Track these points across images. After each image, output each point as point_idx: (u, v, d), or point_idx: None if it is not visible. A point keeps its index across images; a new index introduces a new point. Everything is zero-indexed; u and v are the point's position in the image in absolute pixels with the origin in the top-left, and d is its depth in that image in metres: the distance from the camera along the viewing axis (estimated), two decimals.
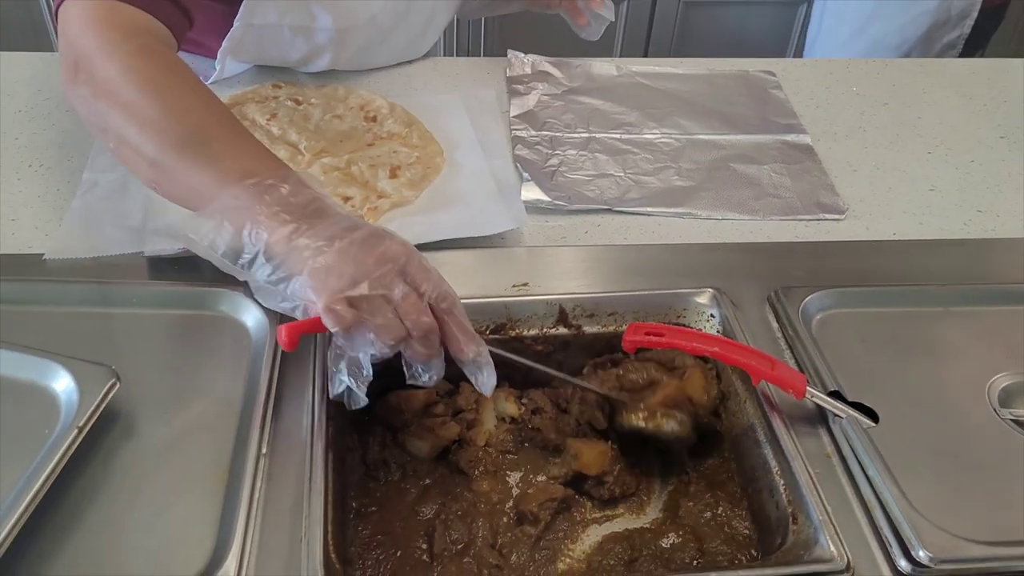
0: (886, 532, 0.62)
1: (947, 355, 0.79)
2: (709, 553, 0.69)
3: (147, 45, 0.74)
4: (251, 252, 0.65)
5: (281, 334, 0.63)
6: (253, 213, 0.65)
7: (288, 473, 0.65)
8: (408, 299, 0.63)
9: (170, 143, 0.69)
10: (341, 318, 0.61)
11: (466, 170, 0.99)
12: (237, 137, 0.71)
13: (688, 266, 0.87)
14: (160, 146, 0.69)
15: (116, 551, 0.59)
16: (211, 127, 0.70)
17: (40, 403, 0.64)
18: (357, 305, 0.62)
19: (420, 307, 0.63)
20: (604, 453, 0.74)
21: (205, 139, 0.69)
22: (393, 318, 0.63)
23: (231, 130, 0.71)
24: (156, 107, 0.70)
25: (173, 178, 0.70)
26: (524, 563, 0.68)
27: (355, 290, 0.62)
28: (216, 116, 0.72)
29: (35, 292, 0.76)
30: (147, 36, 0.74)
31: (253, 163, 0.68)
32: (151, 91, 0.71)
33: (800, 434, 0.70)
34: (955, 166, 1.07)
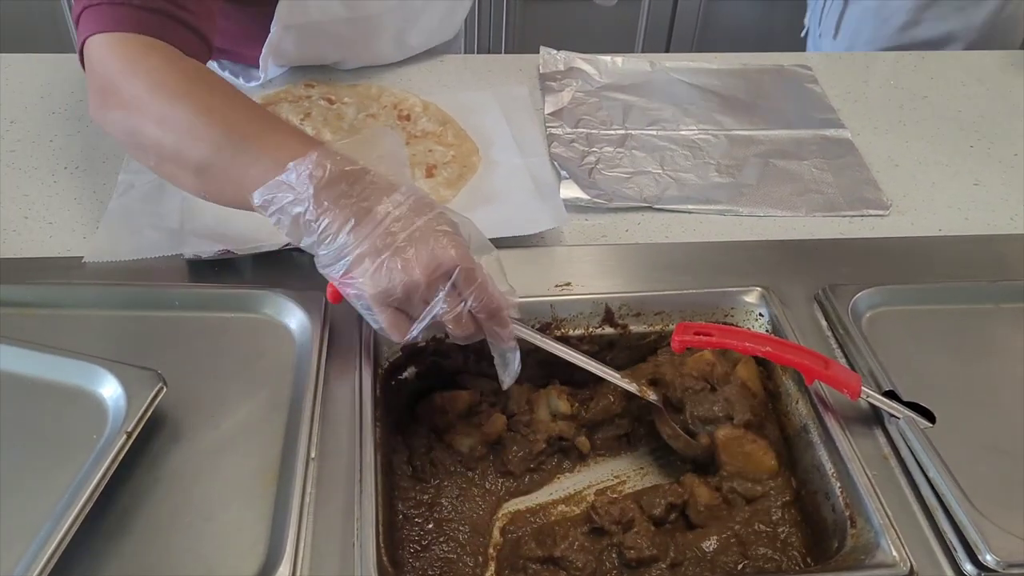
0: (950, 536, 0.61)
1: (1001, 352, 0.78)
2: (754, 558, 0.67)
3: (168, 58, 0.73)
4: (310, 239, 0.64)
5: (329, 288, 0.67)
6: (306, 196, 0.63)
7: (337, 476, 0.64)
8: (452, 312, 0.64)
9: (209, 147, 0.68)
10: (400, 332, 0.65)
11: (503, 168, 0.98)
12: (275, 131, 0.69)
13: (732, 264, 0.86)
14: (200, 152, 0.68)
15: (167, 556, 0.59)
16: (247, 124, 0.69)
17: (88, 408, 0.64)
18: (405, 309, 0.65)
19: (463, 318, 0.65)
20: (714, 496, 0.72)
21: (244, 136, 0.68)
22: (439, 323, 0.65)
23: (267, 124, 0.70)
24: (188, 114, 0.69)
25: (219, 182, 0.69)
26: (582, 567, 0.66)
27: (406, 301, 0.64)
28: (249, 113, 0.71)
29: (76, 295, 0.75)
30: (166, 50, 0.74)
31: (297, 149, 0.66)
32: (180, 99, 0.70)
33: (856, 435, 0.68)
34: (999, 159, 1.05)
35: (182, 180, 0.72)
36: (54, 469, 0.60)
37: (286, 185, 0.64)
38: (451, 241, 0.63)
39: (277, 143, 0.67)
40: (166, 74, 0.72)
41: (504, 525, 0.72)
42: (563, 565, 0.66)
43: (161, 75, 0.72)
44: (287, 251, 0.81)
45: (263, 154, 0.66)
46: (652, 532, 0.67)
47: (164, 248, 0.82)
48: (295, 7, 1.00)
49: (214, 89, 0.73)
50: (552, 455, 0.77)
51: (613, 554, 0.67)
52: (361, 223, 0.63)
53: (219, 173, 0.68)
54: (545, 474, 0.77)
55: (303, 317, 0.74)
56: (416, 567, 0.68)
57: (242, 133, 0.68)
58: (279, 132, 0.69)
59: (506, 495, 0.75)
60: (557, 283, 0.81)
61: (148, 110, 0.70)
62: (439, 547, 0.70)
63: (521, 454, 0.75)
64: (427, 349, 0.78)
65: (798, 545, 0.67)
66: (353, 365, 0.72)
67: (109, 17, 0.73)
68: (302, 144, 0.67)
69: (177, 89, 0.71)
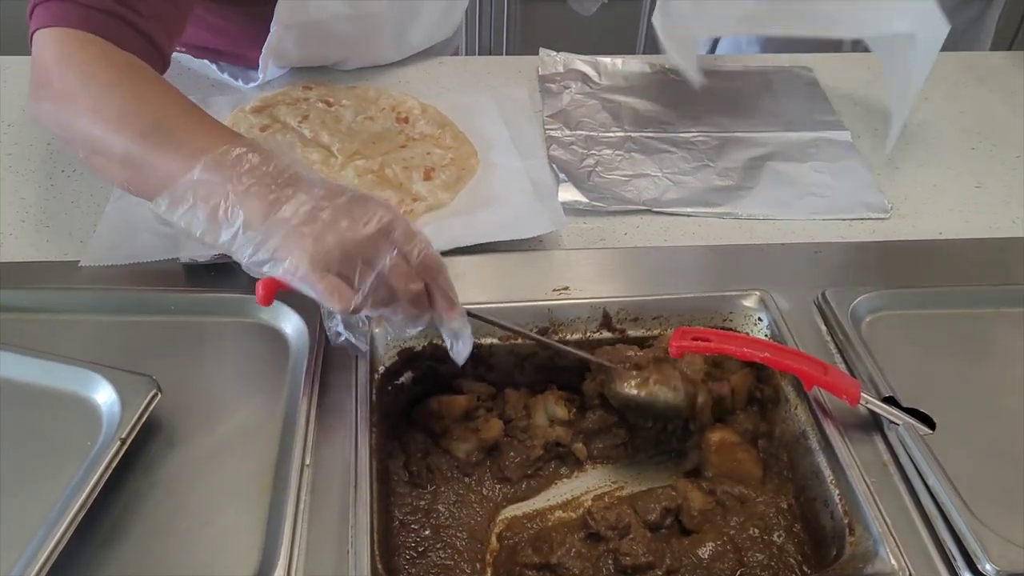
0: (949, 544, 0.61)
1: (1002, 357, 0.77)
2: (750, 565, 0.67)
3: (103, 51, 0.73)
4: (230, 231, 0.62)
5: (259, 290, 0.62)
6: (225, 189, 0.62)
7: (332, 482, 0.64)
8: (397, 268, 0.62)
9: (134, 136, 0.67)
10: (343, 299, 0.61)
11: (501, 171, 0.97)
12: (200, 123, 0.69)
13: (731, 268, 0.85)
14: (125, 141, 0.67)
15: (162, 561, 0.59)
16: (174, 117, 0.69)
17: (82, 414, 0.64)
18: (347, 275, 0.62)
19: (409, 274, 0.63)
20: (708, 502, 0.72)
21: (169, 128, 0.67)
22: (384, 286, 0.62)
23: (194, 117, 0.69)
24: (117, 105, 0.69)
25: (143, 173, 0.67)
26: (579, 574, 0.66)
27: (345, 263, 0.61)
28: (178, 107, 0.70)
29: (72, 300, 0.75)
30: (103, 45, 0.73)
31: (219, 143, 0.65)
32: (110, 91, 0.70)
33: (855, 442, 0.68)
34: (1001, 161, 1.04)
35: (110, 172, 0.71)
36: (48, 475, 0.60)
37: (201, 181, 0.63)
38: (382, 202, 0.63)
39: (201, 135, 0.66)
40: (98, 67, 0.71)
41: (501, 531, 0.72)
42: (560, 572, 0.66)
43: (93, 68, 0.71)
44: None
45: (184, 145, 0.65)
46: (648, 539, 0.66)
47: (160, 252, 0.82)
48: (295, 6, 1.00)
49: (145, 81, 0.72)
50: (549, 461, 0.77)
51: (609, 560, 0.67)
52: (285, 205, 0.61)
53: (143, 165, 0.67)
54: (543, 480, 0.76)
55: (299, 322, 0.73)
56: (412, 573, 0.68)
57: (168, 126, 0.67)
58: (203, 124, 0.68)
59: (503, 501, 0.75)
60: (555, 287, 0.81)
61: (78, 101, 0.70)
62: (435, 553, 0.69)
63: (518, 460, 0.75)
64: (423, 354, 0.78)
65: (794, 552, 0.67)
66: (349, 370, 0.71)
67: (56, 13, 0.73)
68: (224, 138, 0.66)
69: (108, 80, 0.70)
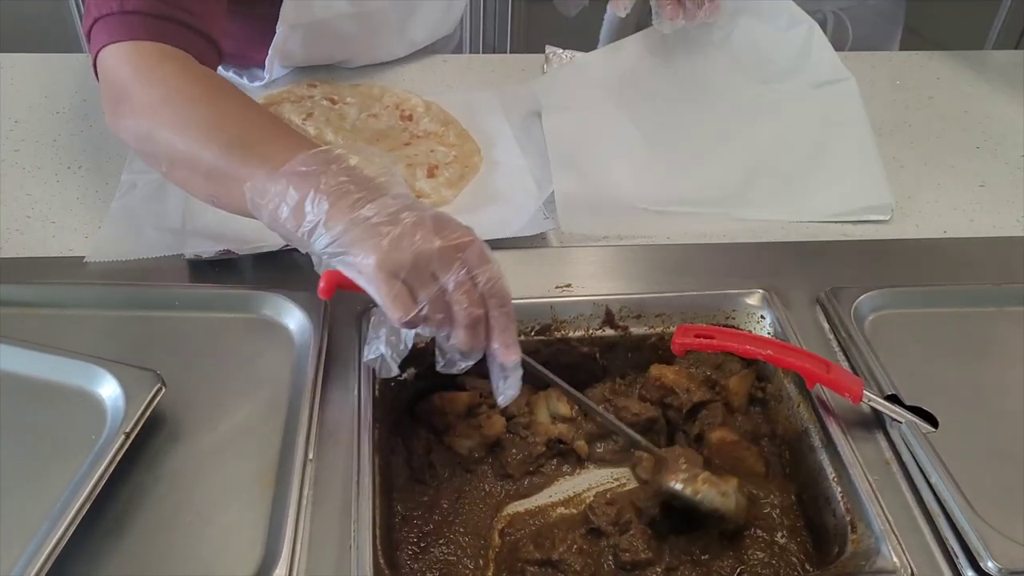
0: (951, 542, 0.61)
1: (1005, 356, 0.77)
2: (750, 563, 0.67)
3: (181, 64, 0.74)
4: (312, 221, 0.62)
5: (321, 281, 0.63)
6: (318, 181, 0.63)
7: (335, 477, 0.64)
8: (462, 286, 0.61)
9: (219, 150, 0.68)
10: (404, 306, 0.60)
11: (504, 169, 0.98)
12: (283, 136, 0.69)
13: (733, 266, 0.85)
14: (209, 155, 0.68)
15: (165, 556, 0.59)
16: (256, 130, 0.70)
17: (87, 408, 0.64)
18: (413, 286, 0.61)
19: (473, 296, 0.61)
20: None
21: (251, 141, 0.68)
22: (444, 302, 0.61)
23: (275, 130, 0.70)
24: (200, 119, 0.70)
25: (227, 186, 0.68)
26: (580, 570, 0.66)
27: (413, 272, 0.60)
28: (260, 120, 0.71)
29: (77, 295, 0.75)
30: (178, 56, 0.75)
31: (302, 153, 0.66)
32: (193, 104, 0.71)
33: (857, 440, 0.68)
34: (1005, 161, 1.04)
35: (193, 186, 0.72)
36: (53, 469, 0.60)
37: (294, 173, 0.63)
38: (462, 224, 0.63)
39: (284, 147, 0.67)
40: (180, 80, 0.73)
41: (503, 527, 0.72)
42: (561, 568, 0.66)
43: (175, 81, 0.73)
44: (287, 252, 0.81)
45: (269, 158, 0.66)
46: (648, 535, 0.67)
47: (165, 248, 0.82)
48: (300, 6, 1.00)
49: (227, 95, 0.73)
50: (552, 458, 0.77)
51: (610, 556, 0.67)
52: (368, 205, 0.62)
53: (228, 178, 0.68)
54: (545, 477, 0.76)
55: (302, 318, 0.74)
56: (414, 569, 0.68)
57: (251, 139, 0.68)
58: (286, 137, 0.69)
59: (506, 498, 0.75)
60: (557, 284, 0.81)
61: (161, 116, 0.71)
62: (438, 549, 0.69)
63: (520, 456, 0.75)
64: (427, 350, 0.78)
65: (796, 550, 0.67)
66: (352, 366, 0.72)
67: (120, 27, 0.74)
68: (307, 148, 0.66)
69: (191, 94, 0.72)
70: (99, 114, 1.01)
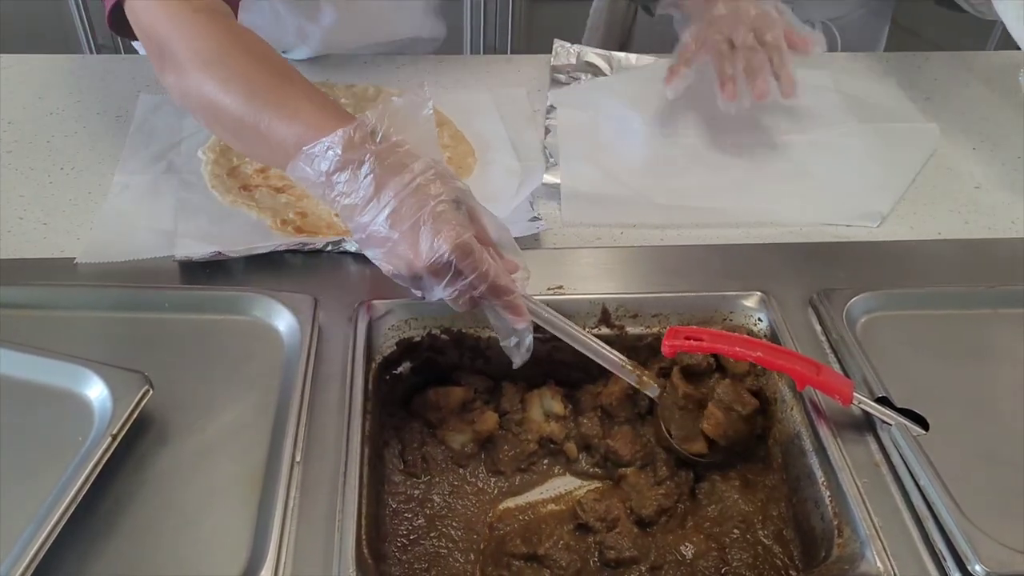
0: (939, 545, 0.60)
1: (998, 359, 0.77)
2: (733, 564, 0.67)
3: (216, 16, 0.75)
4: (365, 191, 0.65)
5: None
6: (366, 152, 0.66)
7: (323, 480, 0.64)
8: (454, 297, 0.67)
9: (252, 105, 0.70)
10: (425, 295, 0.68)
11: (498, 170, 0.97)
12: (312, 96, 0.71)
13: (727, 268, 0.85)
14: (244, 110, 0.70)
15: (151, 558, 0.59)
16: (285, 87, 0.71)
17: (74, 410, 0.64)
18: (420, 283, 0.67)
19: (468, 302, 0.68)
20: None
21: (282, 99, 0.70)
22: None
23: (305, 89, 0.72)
24: (236, 75, 0.71)
25: (259, 142, 0.70)
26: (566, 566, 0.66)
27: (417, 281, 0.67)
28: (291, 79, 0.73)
29: (67, 297, 0.75)
30: (208, 8, 0.76)
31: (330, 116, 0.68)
32: (234, 60, 0.72)
33: (847, 442, 0.67)
34: (1001, 162, 1.03)
35: (229, 139, 0.75)
36: (39, 471, 0.60)
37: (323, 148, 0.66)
38: (449, 229, 0.64)
39: (315, 108, 0.69)
40: (218, 34, 0.74)
41: (492, 522, 0.72)
42: (547, 563, 0.66)
43: (213, 35, 0.73)
44: (278, 254, 0.81)
45: (297, 117, 0.68)
46: (635, 533, 0.66)
47: (156, 249, 0.82)
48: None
49: (261, 51, 0.74)
50: (543, 456, 0.77)
51: (596, 553, 0.67)
52: (379, 193, 0.65)
53: (260, 133, 0.69)
54: (537, 475, 0.77)
55: (292, 320, 0.73)
56: (402, 560, 0.68)
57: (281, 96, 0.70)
58: (315, 98, 0.71)
59: (498, 494, 0.75)
60: (550, 286, 0.81)
61: (205, 72, 0.72)
62: (429, 542, 0.70)
63: (512, 453, 0.75)
64: (422, 344, 0.78)
65: (780, 553, 0.67)
66: (343, 361, 0.72)
67: None
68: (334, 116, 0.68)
69: (230, 49, 0.73)
70: (93, 116, 1.02)
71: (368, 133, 0.67)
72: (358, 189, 0.66)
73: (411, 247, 0.65)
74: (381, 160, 0.66)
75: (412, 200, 0.65)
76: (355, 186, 0.66)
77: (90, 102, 1.04)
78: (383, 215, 0.65)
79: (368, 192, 0.66)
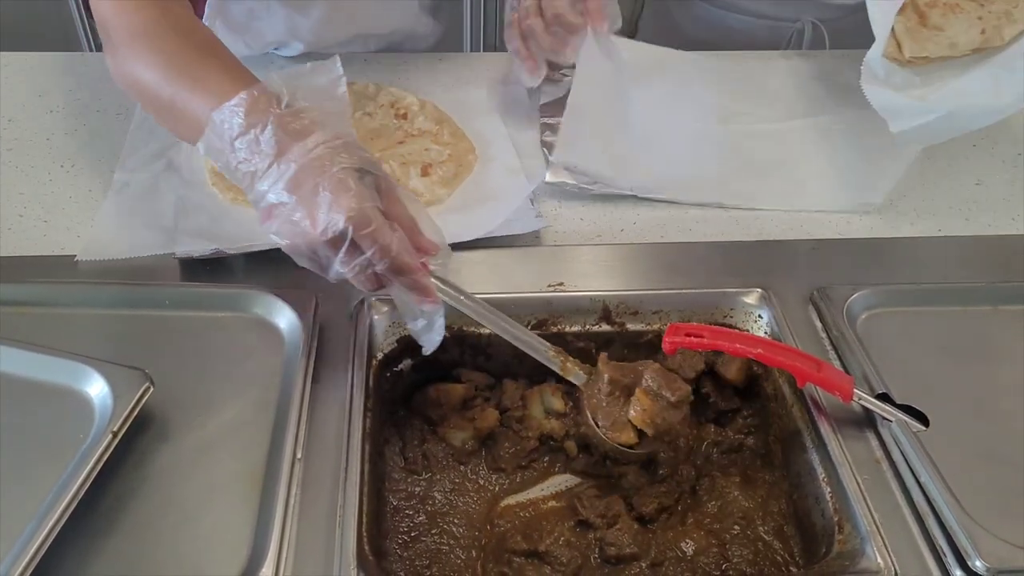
0: (939, 541, 0.60)
1: (998, 355, 0.77)
2: (734, 561, 0.67)
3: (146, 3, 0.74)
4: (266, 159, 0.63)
5: None
6: (269, 115, 0.64)
7: (323, 477, 0.64)
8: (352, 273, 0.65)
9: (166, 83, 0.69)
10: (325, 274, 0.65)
11: (498, 168, 0.97)
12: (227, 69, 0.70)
13: (728, 264, 0.85)
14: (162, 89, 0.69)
15: (151, 555, 0.59)
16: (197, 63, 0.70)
17: (74, 407, 0.64)
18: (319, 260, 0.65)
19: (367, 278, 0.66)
20: None
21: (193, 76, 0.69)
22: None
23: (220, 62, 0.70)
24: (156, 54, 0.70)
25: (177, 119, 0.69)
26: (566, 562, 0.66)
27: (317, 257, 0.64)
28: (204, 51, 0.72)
29: (67, 294, 0.75)
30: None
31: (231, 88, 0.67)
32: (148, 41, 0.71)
33: (848, 438, 0.68)
34: (1002, 159, 1.03)
35: (162, 121, 0.74)
36: (40, 468, 0.60)
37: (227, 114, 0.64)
38: (348, 197, 0.62)
39: (225, 82, 0.67)
40: (140, 14, 0.72)
41: (493, 519, 0.72)
42: (547, 560, 0.66)
43: (136, 15, 0.72)
44: (278, 251, 0.80)
45: (209, 92, 0.66)
46: (635, 530, 0.67)
47: (157, 247, 0.82)
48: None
49: (191, 31, 0.73)
50: (544, 454, 0.77)
51: (596, 549, 0.67)
52: (279, 159, 0.63)
53: (176, 111, 0.69)
54: (537, 472, 0.77)
55: (293, 317, 0.74)
56: (403, 557, 0.68)
57: (192, 74, 0.69)
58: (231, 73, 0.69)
59: (500, 492, 0.75)
60: (550, 283, 0.81)
61: (131, 49, 0.72)
62: (430, 539, 0.70)
63: (512, 450, 0.75)
64: None
65: (781, 549, 0.67)
66: (344, 359, 0.72)
67: None
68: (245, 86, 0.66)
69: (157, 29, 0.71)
70: (93, 113, 1.02)
71: (273, 98, 0.65)
72: (259, 153, 0.63)
73: (308, 216, 0.62)
74: (284, 125, 0.64)
75: (313, 166, 0.63)
76: (256, 150, 0.63)
77: (90, 100, 1.04)
78: (281, 181, 0.63)
79: (269, 158, 0.63)
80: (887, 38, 0.90)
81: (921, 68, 0.94)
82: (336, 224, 0.61)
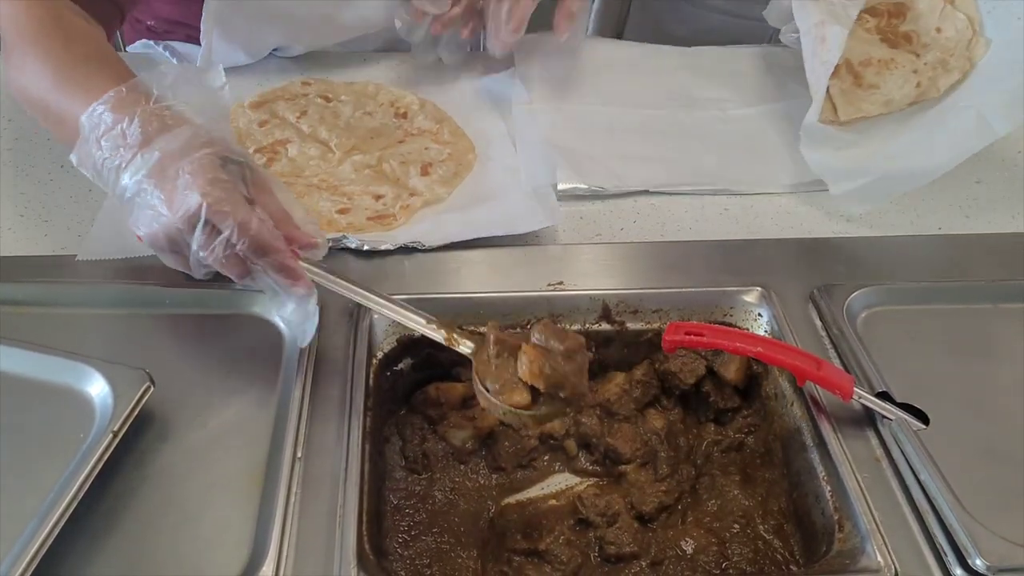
0: (940, 539, 0.60)
1: (998, 353, 0.77)
2: (734, 559, 0.67)
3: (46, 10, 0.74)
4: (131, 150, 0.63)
5: None
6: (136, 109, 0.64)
7: (324, 475, 0.64)
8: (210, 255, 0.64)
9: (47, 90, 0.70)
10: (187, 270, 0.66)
11: (498, 167, 0.97)
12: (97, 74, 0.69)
13: (727, 263, 0.85)
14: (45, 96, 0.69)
15: (152, 555, 0.59)
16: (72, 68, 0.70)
17: (75, 407, 0.64)
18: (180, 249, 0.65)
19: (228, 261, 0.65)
20: None
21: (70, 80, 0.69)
22: None
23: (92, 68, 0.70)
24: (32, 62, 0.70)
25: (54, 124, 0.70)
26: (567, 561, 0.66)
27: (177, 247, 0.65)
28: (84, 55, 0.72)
29: (68, 294, 0.76)
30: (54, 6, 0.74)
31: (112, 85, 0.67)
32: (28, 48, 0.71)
33: (848, 437, 0.68)
34: (1002, 157, 1.03)
35: (45, 126, 0.75)
36: (40, 468, 0.60)
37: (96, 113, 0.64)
38: (204, 179, 0.62)
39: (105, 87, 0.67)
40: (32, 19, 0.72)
41: (493, 517, 0.72)
42: (547, 559, 0.66)
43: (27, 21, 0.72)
44: None
45: (90, 95, 0.66)
46: (635, 528, 0.67)
47: None
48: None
49: (79, 37, 0.73)
50: (544, 453, 0.77)
51: (596, 548, 0.67)
52: (143, 149, 0.63)
53: (57, 117, 0.69)
54: (537, 471, 0.77)
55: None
56: (403, 556, 0.68)
57: (82, 75, 0.69)
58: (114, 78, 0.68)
59: (499, 491, 0.75)
60: (550, 282, 0.81)
61: (11, 56, 0.72)
62: (430, 538, 0.70)
63: (512, 449, 0.75)
64: (423, 341, 0.77)
65: (781, 548, 0.67)
66: (344, 358, 0.72)
67: None
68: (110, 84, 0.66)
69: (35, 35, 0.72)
70: None
71: (142, 94, 0.64)
72: (124, 146, 0.63)
73: (167, 200, 0.61)
74: (152, 119, 0.63)
75: (176, 153, 0.62)
76: (122, 143, 0.63)
77: None
78: (144, 168, 0.62)
79: (134, 148, 0.62)
80: (823, 102, 0.92)
81: (859, 124, 0.96)
82: (190, 203, 0.60)
